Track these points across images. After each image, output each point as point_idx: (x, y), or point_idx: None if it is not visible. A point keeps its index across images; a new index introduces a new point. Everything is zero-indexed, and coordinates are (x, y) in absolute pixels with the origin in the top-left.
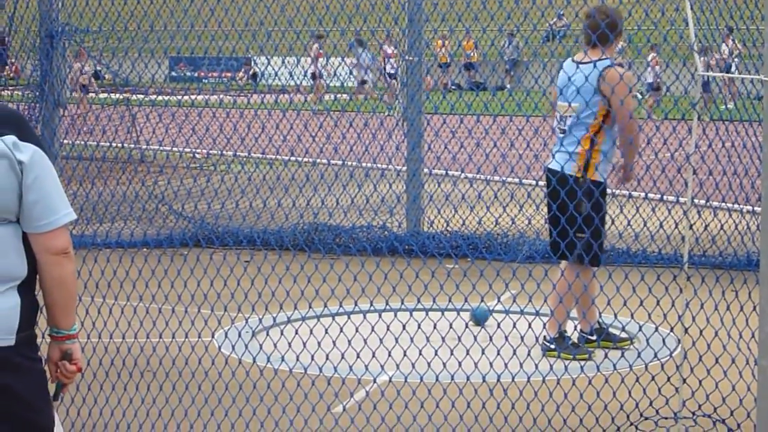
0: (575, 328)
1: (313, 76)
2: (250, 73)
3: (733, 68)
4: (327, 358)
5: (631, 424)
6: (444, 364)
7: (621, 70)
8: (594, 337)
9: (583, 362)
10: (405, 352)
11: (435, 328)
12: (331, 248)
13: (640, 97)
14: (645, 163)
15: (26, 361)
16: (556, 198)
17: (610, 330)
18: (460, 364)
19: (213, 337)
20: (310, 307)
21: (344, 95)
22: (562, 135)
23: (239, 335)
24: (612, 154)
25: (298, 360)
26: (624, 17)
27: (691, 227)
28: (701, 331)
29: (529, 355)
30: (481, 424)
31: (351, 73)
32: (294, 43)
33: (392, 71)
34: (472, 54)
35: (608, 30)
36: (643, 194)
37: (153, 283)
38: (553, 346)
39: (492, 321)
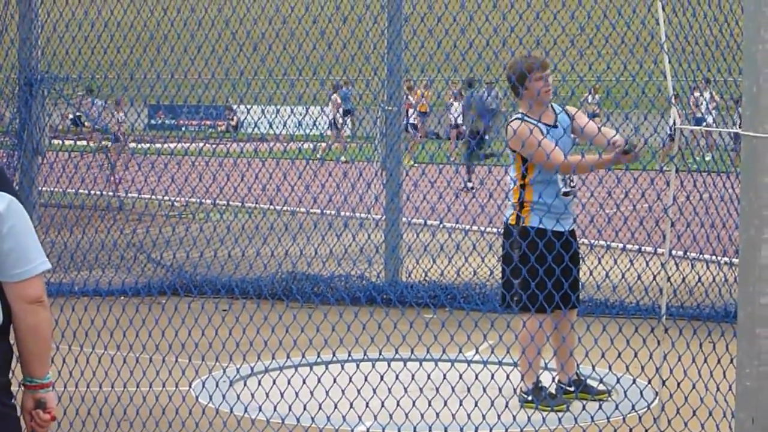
0: (553, 380)
1: (334, 125)
2: (232, 124)
3: (710, 119)
4: (305, 408)
5: None
6: (422, 415)
7: (516, 124)
8: (572, 389)
9: (560, 414)
10: (383, 402)
11: (413, 378)
12: (309, 297)
13: None
14: (623, 215)
15: (1, 408)
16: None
17: (588, 382)
18: (437, 414)
19: (190, 386)
20: (288, 356)
21: (323, 143)
22: None
23: (216, 384)
24: (553, 204)
25: (275, 410)
26: (531, 68)
27: (669, 279)
28: (679, 383)
29: (507, 406)
30: None
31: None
32: (274, 93)
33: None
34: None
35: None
36: (621, 246)
37: (130, 331)
38: (530, 398)
39: (470, 372)
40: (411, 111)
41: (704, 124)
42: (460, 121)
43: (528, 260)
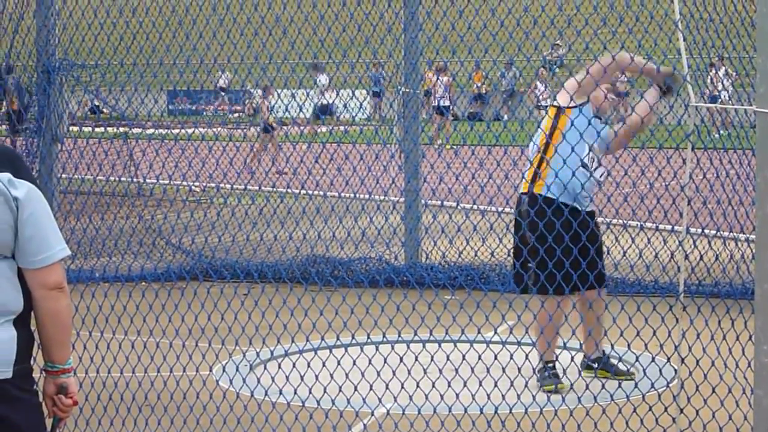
0: (556, 358)
1: (440, 110)
2: (247, 106)
3: (726, 96)
4: (325, 391)
5: None
6: (441, 396)
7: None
8: (595, 365)
9: (549, 393)
10: (402, 384)
11: (432, 359)
12: (327, 281)
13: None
14: (640, 194)
15: (23, 394)
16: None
17: (613, 362)
18: (457, 395)
19: (211, 370)
20: (307, 340)
21: (341, 127)
22: None
23: (237, 369)
24: (572, 180)
25: (296, 393)
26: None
27: (686, 257)
28: (698, 361)
29: (526, 386)
30: None
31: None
32: (290, 77)
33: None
34: (480, 85)
35: None
36: (638, 224)
37: (151, 317)
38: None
39: (489, 353)
40: (441, 92)
41: (719, 101)
42: (444, 103)
43: (550, 234)
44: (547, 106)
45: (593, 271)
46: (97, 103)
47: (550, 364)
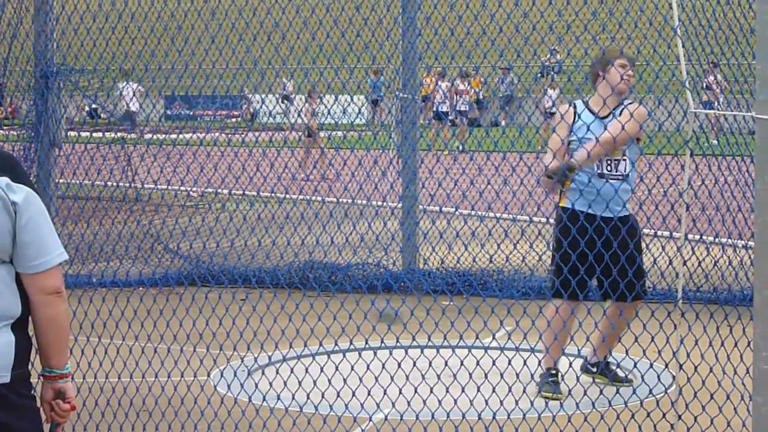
0: (555, 363)
1: (438, 115)
2: (245, 111)
3: (723, 101)
4: (323, 396)
5: None
6: (440, 402)
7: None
8: (594, 369)
9: (546, 399)
10: (401, 389)
11: (431, 365)
12: (326, 286)
13: None
14: (638, 200)
15: (21, 399)
16: None
17: (611, 367)
18: (455, 401)
19: (209, 375)
20: (305, 345)
21: (338, 133)
22: None
23: (235, 374)
24: (589, 185)
25: (293, 398)
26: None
27: (684, 263)
28: (696, 367)
29: (524, 392)
30: None
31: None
32: (288, 82)
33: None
34: (478, 90)
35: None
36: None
37: (148, 322)
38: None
39: (487, 358)
40: (438, 98)
41: (716, 107)
42: (443, 109)
43: (564, 239)
44: (553, 113)
45: (624, 279)
46: (95, 107)
47: (551, 371)
